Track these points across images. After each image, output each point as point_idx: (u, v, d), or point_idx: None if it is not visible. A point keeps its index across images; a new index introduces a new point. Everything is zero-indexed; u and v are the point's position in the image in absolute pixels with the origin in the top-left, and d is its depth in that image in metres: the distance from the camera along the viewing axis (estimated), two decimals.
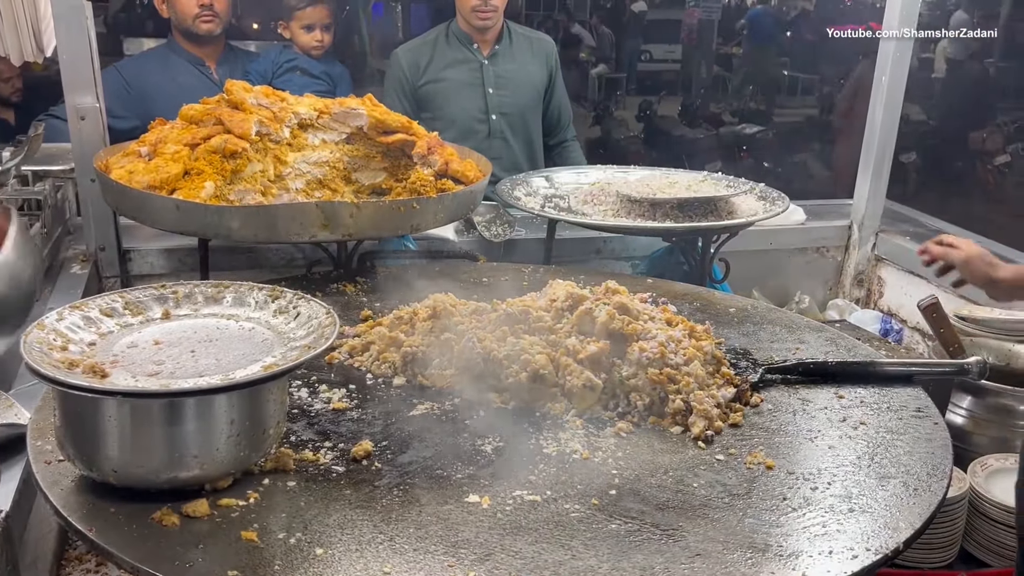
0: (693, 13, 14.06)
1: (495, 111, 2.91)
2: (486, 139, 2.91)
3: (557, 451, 1.19)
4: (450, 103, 2.89)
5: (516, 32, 3.00)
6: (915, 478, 1.11)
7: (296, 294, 1.22)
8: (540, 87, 2.99)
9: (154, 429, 0.98)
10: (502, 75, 2.92)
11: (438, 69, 2.90)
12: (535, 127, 3.02)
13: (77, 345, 1.07)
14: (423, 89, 2.90)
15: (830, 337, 1.58)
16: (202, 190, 1.78)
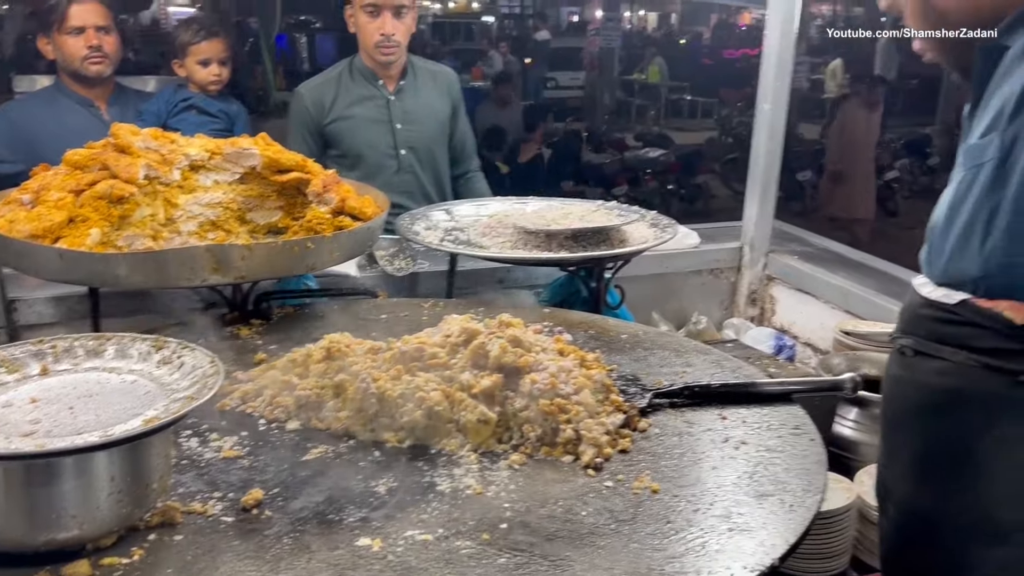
0: (594, 41, 14.43)
1: (403, 146, 2.94)
2: (396, 174, 2.94)
3: (451, 488, 1.21)
4: (358, 140, 2.92)
5: (419, 66, 3.04)
6: (791, 495, 1.17)
7: (180, 343, 1.21)
8: (445, 120, 3.04)
9: (29, 491, 0.96)
10: (408, 110, 2.95)
11: (344, 106, 2.92)
12: (442, 159, 3.07)
13: None
14: (330, 127, 2.92)
15: (715, 359, 1.64)
16: (87, 237, 1.75)
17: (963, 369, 1.22)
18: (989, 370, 1.19)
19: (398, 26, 2.85)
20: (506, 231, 2.17)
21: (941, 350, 1.25)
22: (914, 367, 1.30)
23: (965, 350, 1.22)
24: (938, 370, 1.25)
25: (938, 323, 1.25)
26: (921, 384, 1.29)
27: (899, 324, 1.37)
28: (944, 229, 1.24)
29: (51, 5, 2.75)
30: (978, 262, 1.18)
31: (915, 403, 1.31)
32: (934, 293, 1.26)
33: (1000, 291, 1.17)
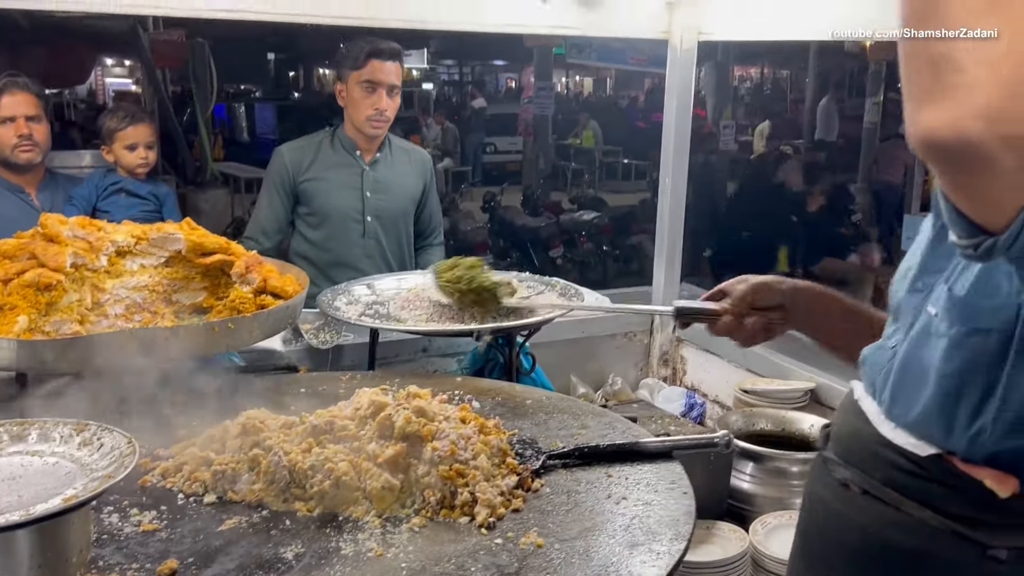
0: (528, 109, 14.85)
1: (370, 213, 3.12)
2: (360, 238, 3.12)
3: (354, 551, 1.32)
4: (329, 201, 3.11)
5: (396, 145, 3.25)
6: (660, 543, 1.30)
7: (100, 426, 1.31)
8: (415, 195, 3.24)
9: None
10: (380, 181, 3.14)
11: (320, 169, 3.11)
12: (406, 230, 3.26)
13: None
14: (303, 185, 3.09)
15: (609, 421, 1.78)
16: (15, 324, 1.83)
17: (924, 529, 1.12)
18: (956, 536, 1.09)
19: (390, 103, 3.07)
20: (422, 304, 2.31)
21: (901, 502, 1.14)
22: (861, 508, 1.19)
23: (930, 509, 1.11)
24: (894, 522, 1.15)
25: (901, 472, 1.14)
26: (868, 531, 1.18)
27: (838, 448, 1.26)
28: (920, 376, 1.13)
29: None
30: (967, 431, 1.08)
31: (857, 549, 1.19)
32: (899, 438, 1.15)
33: (982, 456, 1.08)
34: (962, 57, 0.75)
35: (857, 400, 1.24)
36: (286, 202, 3.10)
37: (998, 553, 1.07)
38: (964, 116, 0.75)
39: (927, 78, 0.78)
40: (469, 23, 2.63)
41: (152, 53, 10.72)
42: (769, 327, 1.60)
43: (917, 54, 0.79)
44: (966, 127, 0.75)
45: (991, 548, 1.07)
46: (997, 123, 0.74)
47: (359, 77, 3.04)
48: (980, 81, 0.74)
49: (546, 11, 2.70)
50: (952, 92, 0.76)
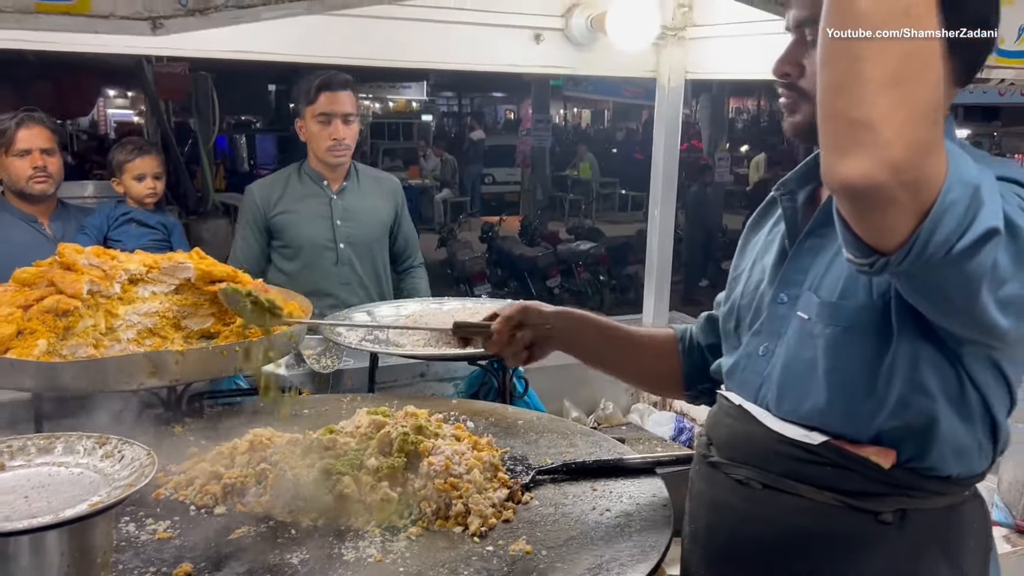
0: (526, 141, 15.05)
1: (343, 240, 3.22)
2: (334, 265, 3.22)
3: (355, 557, 1.41)
4: (301, 232, 3.20)
5: (363, 173, 3.36)
6: (639, 550, 1.40)
7: (121, 439, 1.41)
8: (387, 221, 3.34)
9: None
10: (349, 208, 3.24)
11: (290, 202, 3.21)
12: (381, 256, 3.35)
13: None
14: (275, 219, 3.19)
15: (596, 440, 1.88)
16: (35, 348, 1.94)
17: (825, 508, 1.26)
18: (852, 510, 1.24)
19: (347, 131, 3.17)
20: (420, 330, 2.42)
21: (799, 488, 1.27)
22: (764, 502, 1.31)
23: (829, 490, 1.25)
24: (797, 508, 1.28)
25: (797, 461, 1.27)
26: (774, 521, 1.30)
27: (730, 452, 1.37)
28: (805, 374, 1.28)
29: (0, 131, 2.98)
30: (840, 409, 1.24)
31: (768, 540, 1.31)
32: (789, 431, 1.29)
33: (868, 435, 1.24)
34: (874, 121, 0.92)
35: (739, 406, 1.39)
36: (260, 237, 3.20)
37: (885, 517, 1.24)
38: (874, 168, 0.93)
39: (845, 135, 0.95)
40: (468, 63, 2.76)
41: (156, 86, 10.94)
42: (533, 346, 1.76)
43: (836, 115, 0.96)
44: (875, 176, 0.93)
45: (880, 514, 1.24)
46: (900, 172, 0.93)
47: (314, 111, 3.15)
48: (889, 140, 0.92)
49: (540, 51, 2.84)
50: (865, 148, 0.93)
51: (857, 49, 0.93)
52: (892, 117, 0.92)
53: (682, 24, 2.91)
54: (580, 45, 2.87)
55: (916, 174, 0.94)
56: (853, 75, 0.93)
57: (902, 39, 0.92)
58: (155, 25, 1.01)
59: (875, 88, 0.92)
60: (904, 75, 0.92)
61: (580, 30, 2.82)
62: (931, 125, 0.94)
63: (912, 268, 1.01)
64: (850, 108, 0.94)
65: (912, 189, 0.94)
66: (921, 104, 0.93)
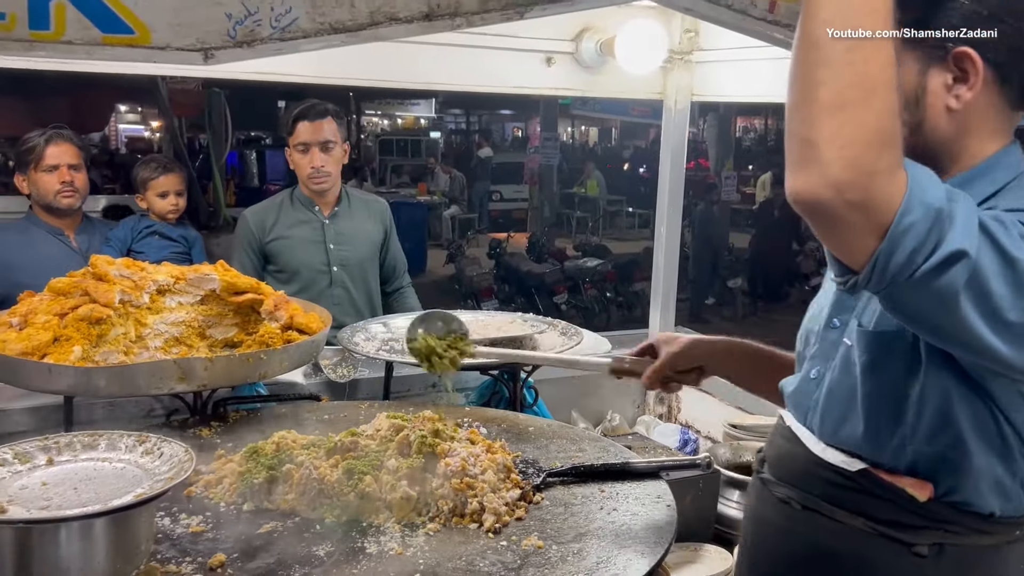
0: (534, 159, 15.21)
1: (336, 263, 3.31)
2: (328, 288, 3.30)
3: (377, 550, 1.51)
4: (295, 257, 3.29)
5: (354, 196, 3.44)
6: (645, 545, 1.49)
7: (160, 437, 1.51)
8: (376, 242, 3.43)
9: (48, 550, 1.24)
10: (341, 232, 3.34)
11: (284, 228, 3.30)
12: (372, 276, 3.45)
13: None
14: (270, 245, 3.28)
15: (603, 446, 1.97)
16: (71, 354, 2.04)
17: (858, 534, 1.29)
18: (886, 539, 1.27)
19: (326, 159, 3.27)
20: None
21: (835, 512, 1.31)
22: (802, 522, 1.36)
23: (862, 517, 1.29)
24: (831, 531, 1.32)
25: (834, 486, 1.32)
26: (810, 541, 1.35)
27: (776, 471, 1.42)
28: (846, 400, 1.32)
29: (30, 147, 3.09)
30: (880, 440, 1.27)
31: (802, 558, 1.36)
32: (829, 455, 1.32)
33: (905, 466, 1.26)
34: (819, 141, 1.01)
35: (789, 426, 1.43)
36: (256, 262, 3.30)
37: (920, 550, 1.26)
38: (818, 185, 1.01)
39: (796, 152, 1.04)
40: (482, 85, 2.88)
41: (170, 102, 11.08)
42: (687, 382, 1.85)
43: (792, 133, 1.05)
44: (819, 193, 1.01)
45: (915, 546, 1.26)
46: (841, 191, 1.00)
47: (294, 141, 3.27)
48: (830, 160, 1.00)
49: (551, 73, 2.95)
50: (811, 165, 1.01)
51: (810, 74, 1.02)
52: (834, 139, 0.99)
53: (688, 48, 3.02)
54: (589, 68, 2.98)
55: (861, 194, 1.00)
56: (805, 98, 1.02)
57: (850, 68, 1.00)
58: (207, 56, 1.11)
59: (821, 110, 1.00)
60: (847, 101, 1.00)
61: (590, 54, 2.93)
62: (878, 149, 1.00)
63: (879, 289, 1.07)
64: (801, 127, 1.02)
65: (861, 209, 1.01)
66: (865, 128, 1.00)
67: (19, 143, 3.11)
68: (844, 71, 1.00)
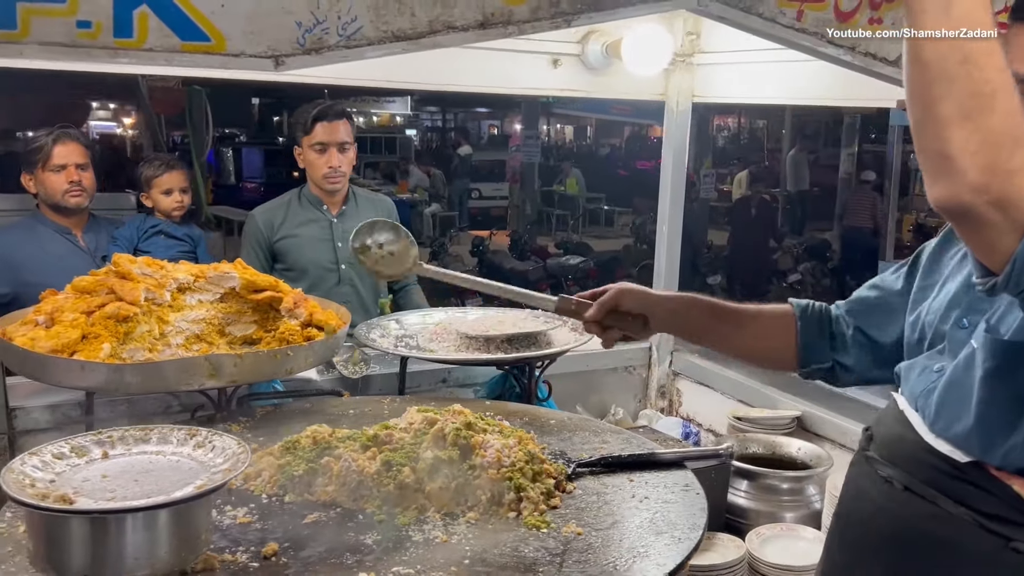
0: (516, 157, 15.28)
1: (344, 261, 3.35)
2: (336, 285, 3.34)
3: (423, 538, 1.56)
4: (304, 255, 3.32)
5: (360, 195, 3.48)
6: (680, 531, 1.55)
7: (210, 431, 1.55)
8: None
9: (117, 539, 1.28)
10: (349, 230, 3.34)
11: (292, 227, 3.33)
12: None
13: (42, 482, 1.35)
14: (278, 244, 3.31)
15: (626, 438, 2.04)
16: (100, 351, 2.07)
17: (958, 523, 1.30)
18: (985, 531, 1.28)
19: (342, 159, 3.31)
20: (450, 336, 2.57)
21: (937, 498, 1.33)
22: (902, 502, 1.38)
23: (964, 507, 1.30)
24: (932, 515, 1.33)
25: (941, 473, 1.33)
26: (909, 522, 1.37)
27: (883, 450, 1.45)
28: (961, 400, 1.32)
29: (37, 146, 3.10)
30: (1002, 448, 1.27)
31: (897, 535, 1.39)
32: (941, 446, 1.34)
33: (1014, 466, 1.27)
34: (952, 152, 1.06)
35: (903, 411, 1.45)
36: (264, 262, 3.32)
37: (1018, 546, 1.27)
38: (958, 192, 1.07)
39: (932, 166, 1.10)
40: (490, 86, 2.94)
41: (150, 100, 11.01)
42: (631, 330, 1.85)
43: (924, 149, 1.10)
44: (961, 198, 1.07)
45: (1013, 541, 1.27)
46: (981, 193, 1.05)
47: (310, 141, 3.29)
48: (966, 168, 1.06)
49: (557, 75, 3.01)
50: (949, 176, 1.07)
51: (928, 92, 1.07)
52: (965, 148, 1.05)
53: (690, 51, 3.10)
54: (595, 69, 3.04)
55: (999, 195, 1.04)
56: (929, 115, 1.08)
57: (967, 79, 1.05)
58: (277, 62, 1.15)
59: (947, 124, 1.06)
60: (971, 111, 1.05)
61: (595, 56, 2.99)
62: (1011, 149, 1.04)
63: (1018, 290, 1.10)
64: (933, 143, 1.08)
65: (1001, 208, 1.05)
66: (993, 133, 1.04)
67: (26, 143, 3.11)
68: (961, 83, 1.06)
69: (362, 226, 2.11)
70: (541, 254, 11.75)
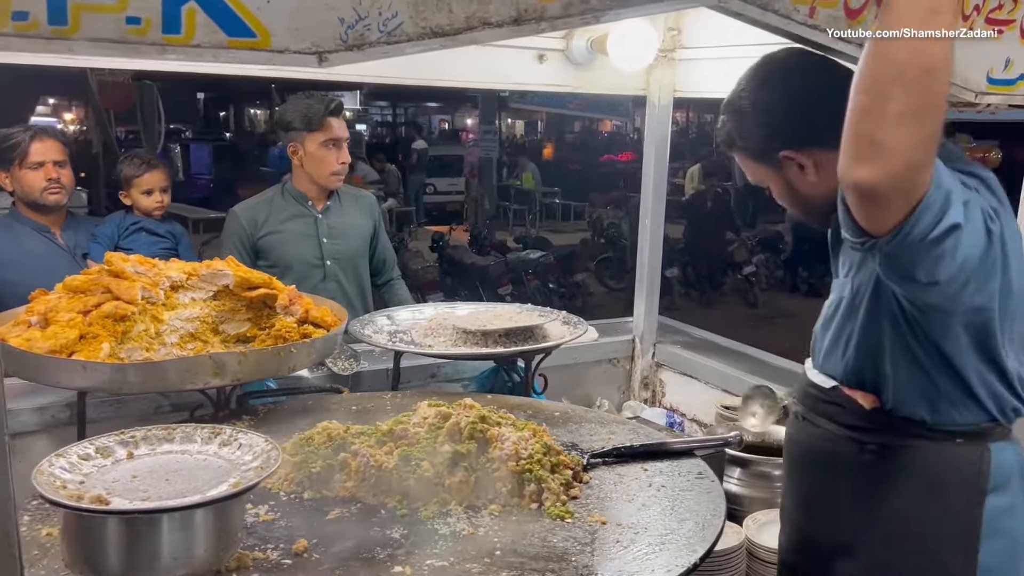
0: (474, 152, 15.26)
1: (329, 257, 3.33)
2: (322, 282, 3.31)
3: (449, 531, 1.57)
4: (288, 251, 3.29)
5: (343, 191, 3.45)
6: (702, 518, 1.59)
7: (235, 428, 1.54)
8: (367, 236, 3.46)
9: (154, 539, 1.27)
10: (334, 226, 3.35)
11: (276, 223, 3.29)
12: (364, 270, 3.47)
13: (72, 484, 1.33)
14: (262, 240, 3.27)
15: (632, 428, 2.07)
16: (100, 351, 2.04)
17: (832, 436, 1.67)
18: (847, 439, 1.64)
19: (347, 156, 3.29)
20: (445, 331, 2.57)
21: (818, 420, 1.71)
22: (802, 430, 1.76)
23: (834, 423, 1.67)
24: (818, 435, 1.71)
25: (817, 400, 1.71)
26: (805, 443, 1.76)
27: (795, 394, 1.84)
28: (822, 333, 1.73)
29: (14, 143, 3.03)
30: (840, 364, 1.65)
31: (800, 456, 1.78)
32: (815, 377, 1.72)
33: (856, 384, 1.64)
34: (886, 142, 1.21)
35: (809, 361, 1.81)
36: (247, 259, 3.24)
37: (870, 447, 1.62)
38: (878, 176, 1.22)
39: (862, 148, 1.24)
40: (475, 81, 2.94)
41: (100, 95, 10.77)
42: None
43: (860, 132, 1.24)
44: (877, 182, 1.23)
45: (866, 444, 1.62)
46: (898, 182, 1.23)
47: (320, 137, 3.23)
48: (894, 160, 1.21)
49: (542, 70, 3.02)
50: (875, 161, 1.22)
51: (886, 89, 1.20)
52: (903, 143, 1.20)
53: (672, 46, 3.13)
54: (580, 64, 3.06)
55: (910, 184, 1.23)
56: (878, 107, 1.20)
57: (926, 89, 1.19)
58: (321, 59, 1.15)
59: (895, 120, 1.19)
60: (922, 115, 1.20)
61: (580, 51, 3.01)
62: (930, 148, 1.23)
63: (893, 249, 1.30)
64: (873, 130, 1.21)
65: (905, 193, 1.24)
66: (927, 135, 1.21)
67: (2, 140, 3.03)
68: (920, 90, 1.20)
69: None
70: (501, 249, 11.76)
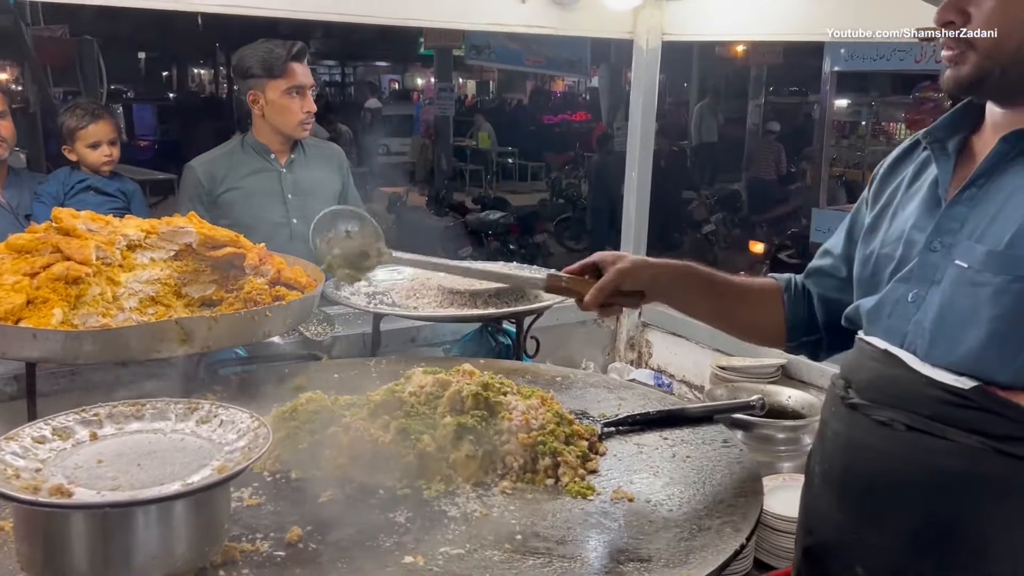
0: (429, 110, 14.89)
1: (295, 215, 3.08)
2: (288, 242, 3.06)
3: (459, 513, 1.40)
4: (251, 209, 3.03)
5: (308, 144, 3.20)
6: (742, 487, 1.44)
7: (213, 403, 1.34)
8: (335, 191, 3.21)
9: (127, 536, 1.08)
10: (300, 182, 3.10)
11: (237, 178, 3.02)
12: None
13: (27, 472, 1.13)
14: (223, 197, 3.01)
15: (642, 393, 1.92)
16: (51, 317, 1.81)
17: (971, 451, 1.25)
18: (999, 454, 1.23)
19: (312, 104, 3.03)
20: (430, 292, 2.39)
21: (946, 431, 1.27)
22: (907, 444, 1.31)
23: (976, 434, 1.24)
24: (943, 450, 1.27)
25: (945, 405, 1.27)
26: (920, 462, 1.30)
27: (874, 395, 1.38)
28: (964, 321, 1.27)
29: None
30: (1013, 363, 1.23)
31: (910, 481, 1.32)
32: (941, 376, 1.28)
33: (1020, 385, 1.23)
34: None
35: (885, 351, 1.37)
36: (205, 217, 3.01)
37: None
38: None
39: None
40: (456, 20, 2.73)
41: (36, 50, 10.23)
42: (629, 304, 1.79)
43: None
44: None
45: None
46: None
47: (283, 84, 2.98)
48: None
49: (524, 10, 2.82)
50: None
51: None
52: None
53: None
54: (563, 5, 2.87)
55: None
56: None
57: None
58: None
59: None
60: None
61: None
62: None
63: None
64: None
65: None
66: None
67: None
68: None
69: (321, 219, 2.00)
70: (459, 210, 11.53)
